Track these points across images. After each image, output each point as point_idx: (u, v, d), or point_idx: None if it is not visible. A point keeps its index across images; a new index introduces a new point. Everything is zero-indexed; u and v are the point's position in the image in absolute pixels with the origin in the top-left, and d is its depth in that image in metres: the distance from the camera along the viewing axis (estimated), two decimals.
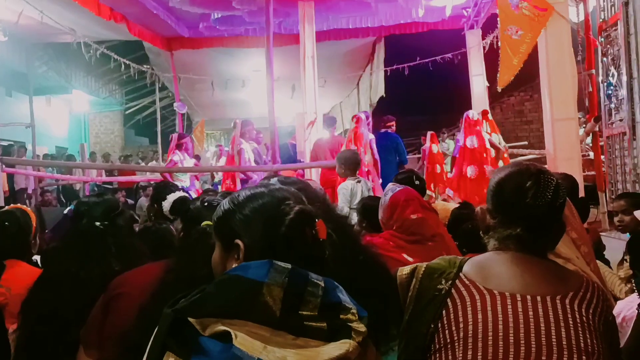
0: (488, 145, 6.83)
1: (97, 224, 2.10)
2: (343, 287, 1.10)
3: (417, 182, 3.45)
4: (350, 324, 1.04)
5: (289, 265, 1.05)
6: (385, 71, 11.72)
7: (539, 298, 1.37)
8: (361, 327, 1.04)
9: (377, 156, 6.84)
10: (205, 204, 1.84)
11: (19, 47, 12.19)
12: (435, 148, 7.96)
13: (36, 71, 13.71)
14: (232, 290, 1.03)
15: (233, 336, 0.96)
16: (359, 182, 5.03)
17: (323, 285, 1.05)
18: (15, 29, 9.20)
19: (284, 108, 12.42)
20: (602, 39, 5.73)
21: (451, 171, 7.42)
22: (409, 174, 3.68)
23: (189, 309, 1.01)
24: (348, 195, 4.95)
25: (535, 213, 1.44)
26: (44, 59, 14.11)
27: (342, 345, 1.00)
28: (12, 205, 2.86)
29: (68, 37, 9.81)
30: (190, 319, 0.99)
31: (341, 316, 1.04)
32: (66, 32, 9.27)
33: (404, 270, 1.54)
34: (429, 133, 8.09)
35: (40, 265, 2.64)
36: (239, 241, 1.15)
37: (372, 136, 7.12)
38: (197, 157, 11.28)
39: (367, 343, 1.06)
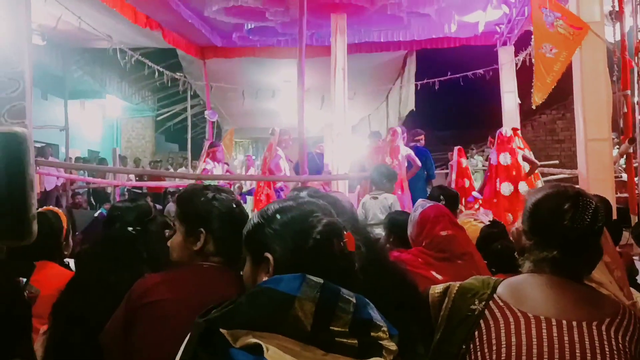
0: (521, 161, 6.75)
1: (130, 229, 2.12)
2: (371, 302, 1.09)
3: (442, 201, 3.44)
4: (381, 342, 1.03)
5: (321, 280, 1.05)
6: (416, 85, 11.68)
7: (574, 323, 1.34)
8: (392, 346, 1.03)
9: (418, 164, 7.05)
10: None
11: (57, 52, 12.44)
12: (464, 162, 7.90)
13: (72, 75, 13.98)
14: (264, 302, 1.02)
15: (264, 349, 0.96)
16: (375, 198, 5.07)
17: (354, 301, 1.05)
18: (54, 34, 9.41)
19: (312, 119, 12.45)
20: (638, 59, 5.63)
21: (481, 189, 7.34)
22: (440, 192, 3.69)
23: (220, 319, 1.01)
24: (361, 209, 5.00)
25: (572, 236, 1.41)
26: (80, 63, 14.39)
27: None
28: (44, 207, 2.90)
29: (104, 43, 9.98)
30: (222, 330, 0.99)
31: (372, 334, 1.03)
32: (103, 38, 9.44)
33: (437, 289, 1.52)
34: (456, 148, 8.03)
35: (72, 268, 2.67)
36: (268, 255, 1.16)
37: (409, 150, 7.19)
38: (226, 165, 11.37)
39: None
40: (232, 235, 1.68)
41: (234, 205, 1.78)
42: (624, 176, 6.89)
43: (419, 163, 7.25)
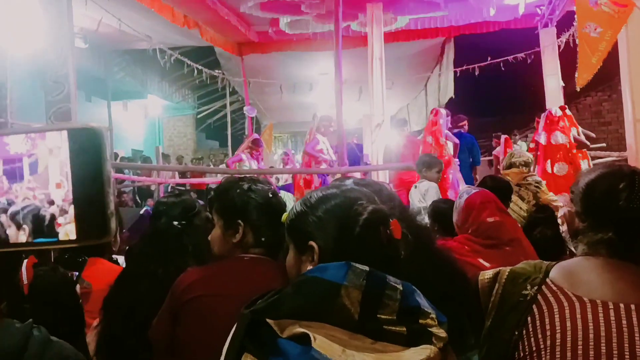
0: (573, 141, 6.54)
1: (175, 223, 2.15)
2: (419, 290, 1.07)
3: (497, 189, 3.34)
4: (430, 329, 1.00)
5: (366, 268, 1.03)
6: (455, 72, 11.50)
7: (632, 306, 1.29)
8: (442, 333, 1.01)
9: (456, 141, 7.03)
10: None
11: (98, 54, 12.73)
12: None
13: (114, 77, 14.29)
14: (310, 291, 1.01)
15: (312, 339, 0.95)
16: (415, 187, 5.03)
17: (401, 288, 1.03)
18: (95, 37, 9.63)
19: (350, 110, 12.40)
20: None
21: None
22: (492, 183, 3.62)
23: (266, 309, 1.01)
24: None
25: (628, 216, 1.35)
26: (121, 65, 14.69)
27: (423, 351, 0.97)
28: None
29: (144, 44, 10.18)
30: (268, 320, 0.98)
31: (420, 321, 1.01)
32: (142, 39, 9.63)
33: (486, 275, 1.49)
34: (503, 137, 7.87)
35: (121, 263, 2.74)
36: (313, 243, 1.14)
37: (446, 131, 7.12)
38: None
39: (448, 350, 1.03)
40: (271, 225, 1.68)
41: (270, 195, 1.77)
42: None
43: (457, 140, 7.15)
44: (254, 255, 1.72)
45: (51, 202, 0.67)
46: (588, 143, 6.92)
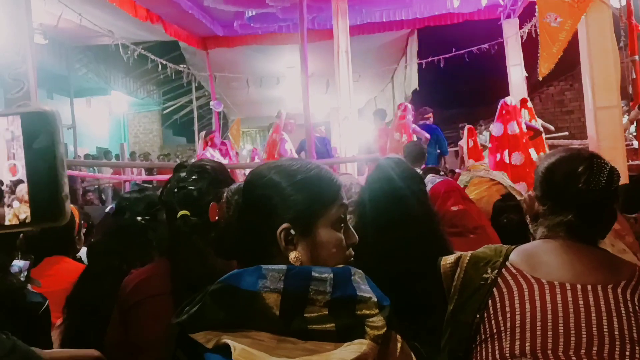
0: (525, 129, 6.64)
1: (139, 218, 2.13)
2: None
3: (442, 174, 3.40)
4: (366, 320, 0.97)
5: (283, 267, 0.99)
6: (420, 64, 11.57)
7: (589, 287, 1.32)
8: (379, 321, 0.98)
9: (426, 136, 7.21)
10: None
11: (59, 50, 12.49)
12: (471, 143, 7.82)
13: (76, 73, 14.03)
14: (227, 303, 0.97)
15: (232, 349, 0.92)
16: None
17: (331, 278, 0.98)
18: (55, 33, 9.44)
19: (318, 104, 12.41)
20: None
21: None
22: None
23: (190, 322, 0.98)
24: None
25: (588, 199, 1.38)
26: (83, 61, 14.42)
27: (357, 347, 0.94)
28: None
29: (106, 39, 10.00)
30: (192, 335, 0.97)
31: (357, 312, 0.97)
32: (104, 34, 9.45)
33: (448, 260, 1.50)
34: (466, 127, 7.95)
35: (84, 260, 2.69)
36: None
37: (414, 125, 7.24)
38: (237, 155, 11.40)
39: (389, 336, 1.00)
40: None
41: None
42: (635, 144, 6.83)
43: (427, 135, 7.26)
44: None
45: (4, 186, 0.67)
46: (541, 130, 7.05)
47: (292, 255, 1.04)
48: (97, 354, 1.64)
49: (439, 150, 7.84)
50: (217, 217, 1.14)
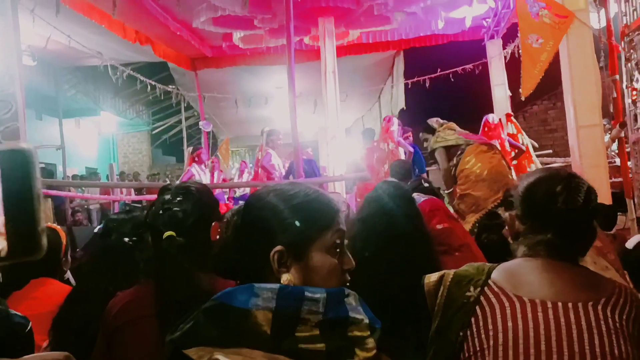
0: (508, 148, 6.71)
1: (126, 239, 2.13)
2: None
3: (426, 185, 3.42)
4: (357, 341, 0.99)
5: (276, 286, 1.00)
6: (406, 84, 11.71)
7: (570, 305, 1.34)
8: (369, 343, 0.99)
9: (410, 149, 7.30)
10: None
11: (48, 71, 12.47)
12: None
13: (65, 94, 14.01)
14: (220, 320, 0.99)
15: None
16: None
17: (324, 299, 0.99)
18: (44, 54, 9.44)
19: (306, 123, 12.48)
20: (625, 44, 5.64)
21: None
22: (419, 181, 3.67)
23: (183, 340, 0.99)
24: None
25: (566, 218, 1.42)
26: (72, 82, 14.41)
27: None
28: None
29: (95, 60, 10.02)
30: (186, 351, 0.97)
31: (348, 333, 0.99)
32: (93, 55, 9.47)
33: (431, 278, 1.52)
34: None
35: (72, 282, 2.68)
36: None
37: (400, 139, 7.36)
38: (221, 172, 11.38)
39: (378, 358, 1.02)
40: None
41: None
42: (617, 161, 6.91)
43: (410, 148, 7.37)
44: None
45: None
46: (524, 149, 7.11)
47: (284, 278, 1.06)
48: (65, 353, 1.64)
49: (417, 170, 7.91)
50: (217, 236, 1.17)
